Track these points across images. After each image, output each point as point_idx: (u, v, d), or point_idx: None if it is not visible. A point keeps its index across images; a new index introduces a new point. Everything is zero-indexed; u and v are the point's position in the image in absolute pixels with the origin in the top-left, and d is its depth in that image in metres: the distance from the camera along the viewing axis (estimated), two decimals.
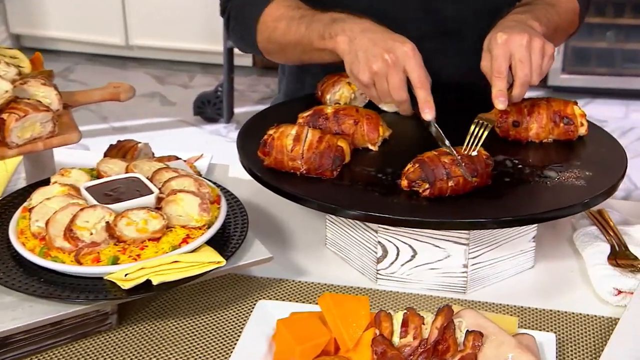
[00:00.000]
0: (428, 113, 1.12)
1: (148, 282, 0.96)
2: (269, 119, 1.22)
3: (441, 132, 1.13)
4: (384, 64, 1.12)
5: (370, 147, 1.19)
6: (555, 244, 1.19)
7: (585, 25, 1.91)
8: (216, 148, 3.09)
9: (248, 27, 1.32)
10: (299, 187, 1.08)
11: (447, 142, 1.11)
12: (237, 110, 3.57)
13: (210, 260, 0.99)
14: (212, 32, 3.84)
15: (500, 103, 1.12)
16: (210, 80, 3.93)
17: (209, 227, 1.04)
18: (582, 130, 1.21)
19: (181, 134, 3.40)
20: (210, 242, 1.03)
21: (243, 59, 3.95)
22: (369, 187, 1.08)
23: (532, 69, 1.11)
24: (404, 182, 1.06)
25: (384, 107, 1.31)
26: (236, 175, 1.34)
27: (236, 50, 3.52)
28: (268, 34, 1.30)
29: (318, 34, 1.20)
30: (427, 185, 1.05)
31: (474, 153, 1.07)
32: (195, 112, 3.52)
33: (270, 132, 1.13)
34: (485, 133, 1.09)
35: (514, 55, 1.12)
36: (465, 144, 1.08)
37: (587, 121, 1.21)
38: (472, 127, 1.11)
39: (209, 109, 3.49)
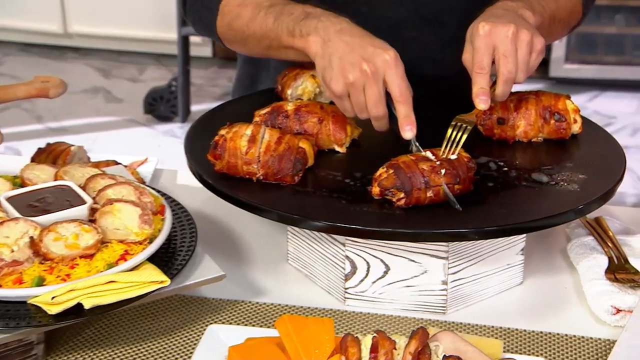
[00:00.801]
0: (409, 131, 1.12)
1: (79, 306, 0.96)
2: (221, 117, 1.22)
3: (422, 151, 1.13)
4: (362, 74, 1.11)
5: (337, 148, 1.20)
6: (546, 257, 1.20)
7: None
8: (170, 151, 3.10)
9: (208, 7, 1.33)
10: (256, 195, 1.09)
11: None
12: (194, 107, 3.57)
13: (152, 279, 0.99)
14: (164, 17, 3.84)
15: (481, 102, 1.12)
16: (162, 73, 3.93)
17: (151, 242, 1.04)
18: (576, 128, 1.23)
19: (129, 135, 3.40)
20: (152, 259, 1.04)
21: (201, 49, 3.96)
22: (336, 195, 1.09)
23: (517, 64, 1.12)
24: (376, 189, 1.07)
25: None
26: (185, 182, 1.35)
27: (193, 39, 3.53)
28: (230, 19, 1.30)
29: (287, 30, 1.21)
30: (402, 195, 1.06)
31: (453, 156, 1.08)
32: (146, 110, 3.52)
33: (222, 132, 1.14)
34: (464, 137, 1.10)
35: (497, 49, 1.12)
36: (442, 151, 1.09)
37: (582, 117, 1.24)
38: (449, 130, 1.11)
39: (162, 106, 3.49)
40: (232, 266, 1.16)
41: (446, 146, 1.09)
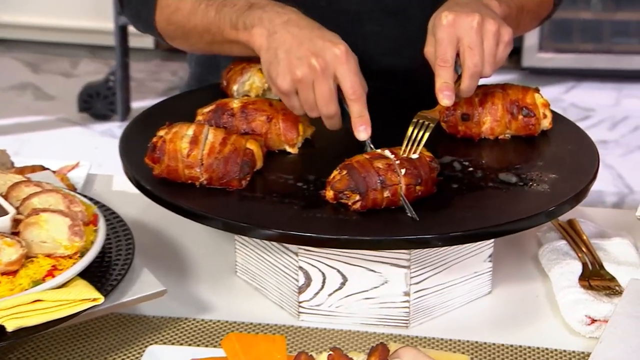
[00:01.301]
0: (363, 131, 1.13)
1: (1, 328, 0.95)
2: (160, 116, 1.22)
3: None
4: (310, 70, 1.12)
5: (288, 149, 1.20)
6: (516, 264, 1.22)
7: None
8: (109, 153, 3.06)
9: (145, 2, 1.33)
10: (199, 202, 1.08)
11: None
12: (134, 104, 3.55)
13: (84, 297, 0.99)
14: (99, 4, 3.82)
15: (444, 98, 1.12)
16: (99, 66, 3.90)
17: (82, 256, 1.03)
18: (546, 124, 1.24)
19: (63, 136, 3.36)
20: (83, 275, 1.03)
21: (142, 40, 3.93)
22: (287, 200, 1.09)
23: (484, 57, 1.12)
24: (329, 193, 1.08)
25: None
26: (121, 188, 1.34)
27: (132, 29, 3.50)
28: (168, 13, 1.30)
29: (230, 22, 1.21)
30: (357, 197, 1.06)
31: (415, 155, 1.09)
32: (81, 107, 3.48)
33: (161, 133, 1.13)
34: (426, 135, 1.11)
35: (462, 40, 1.13)
36: (402, 150, 1.10)
37: (552, 112, 1.25)
38: (410, 128, 1.11)
39: (98, 103, 3.46)
40: (173, 280, 1.16)
41: (407, 145, 1.10)
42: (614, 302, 1.08)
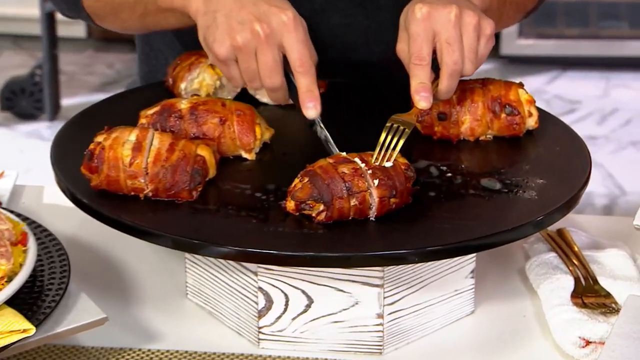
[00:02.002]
0: (312, 108, 1.13)
1: None
2: (97, 118, 1.22)
3: (329, 135, 1.15)
4: (253, 36, 1.12)
5: (244, 155, 1.20)
6: (501, 280, 1.22)
7: None
8: (37, 158, 3.04)
9: None
10: (144, 217, 1.08)
11: (335, 150, 1.14)
12: (65, 102, 3.53)
13: (13, 328, 0.97)
14: None
15: (421, 100, 1.12)
16: (23, 59, 3.86)
17: (9, 280, 1.02)
18: (531, 122, 1.25)
19: None
20: (12, 302, 1.01)
21: (72, 28, 3.90)
22: (244, 212, 1.08)
23: (464, 53, 1.12)
24: (291, 204, 1.08)
25: (263, 98, 1.33)
26: (54, 201, 1.33)
27: (61, 16, 3.47)
28: None
29: None
30: (321, 207, 1.06)
31: (389, 164, 1.09)
32: (3, 106, 3.45)
33: (99, 138, 1.13)
34: (401, 142, 1.11)
35: (438, 35, 1.12)
36: (374, 158, 1.10)
37: (538, 109, 1.25)
38: (384, 134, 1.11)
39: (23, 100, 3.44)
40: (115, 306, 1.15)
41: (379, 152, 1.10)
42: (610, 322, 1.09)
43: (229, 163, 1.18)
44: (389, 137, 1.11)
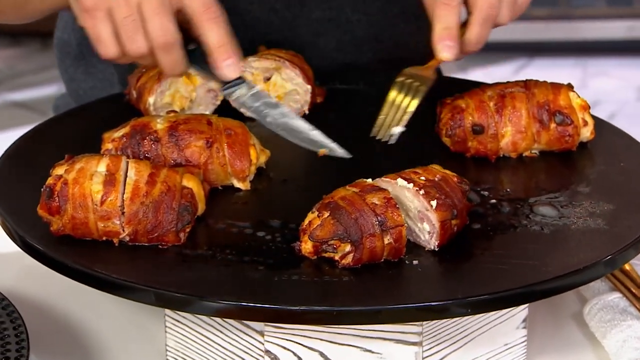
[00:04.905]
0: (230, 66, 1.05)
1: None
2: (47, 143, 1.20)
3: (272, 100, 1.11)
4: None
5: (237, 184, 1.15)
6: (554, 328, 1.15)
7: None
8: None
9: None
10: (120, 267, 1.01)
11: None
12: None
13: None
14: None
15: (444, 49, 1.10)
16: None
17: None
18: (586, 133, 1.20)
19: None
20: None
21: None
22: (246, 258, 1.02)
23: None
24: (307, 245, 1.01)
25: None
26: (1, 249, 1.23)
27: None
28: None
29: None
30: (348, 247, 1.00)
31: (398, 129, 1.06)
32: None
33: (59, 170, 1.05)
34: (415, 102, 1.08)
35: None
36: (379, 123, 1.08)
37: (593, 117, 1.21)
38: (393, 92, 1.09)
39: None
40: None
41: (386, 116, 1.08)
42: None
43: (219, 195, 1.13)
44: (400, 96, 1.09)
